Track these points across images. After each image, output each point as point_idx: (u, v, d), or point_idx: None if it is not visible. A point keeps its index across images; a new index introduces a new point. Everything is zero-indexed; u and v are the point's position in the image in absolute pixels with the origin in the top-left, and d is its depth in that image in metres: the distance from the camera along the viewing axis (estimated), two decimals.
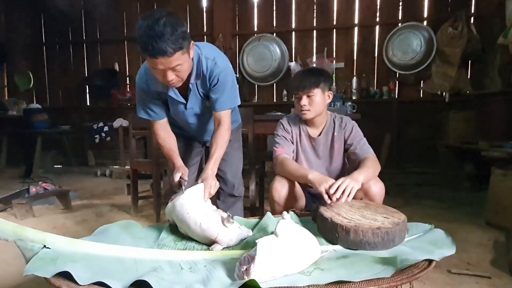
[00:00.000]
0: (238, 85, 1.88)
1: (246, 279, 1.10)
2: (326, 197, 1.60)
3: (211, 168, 1.68)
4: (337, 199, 1.58)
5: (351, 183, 1.61)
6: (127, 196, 3.83)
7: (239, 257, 1.33)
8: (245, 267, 1.12)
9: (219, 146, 1.74)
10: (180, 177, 1.67)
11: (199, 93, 1.81)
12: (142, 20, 1.43)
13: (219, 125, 1.79)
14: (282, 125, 2.05)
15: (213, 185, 1.60)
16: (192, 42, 1.56)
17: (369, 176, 1.75)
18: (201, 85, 1.78)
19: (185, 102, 1.81)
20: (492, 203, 2.78)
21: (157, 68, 1.50)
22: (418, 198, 3.76)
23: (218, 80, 1.72)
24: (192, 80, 1.71)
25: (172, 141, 1.90)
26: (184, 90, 1.77)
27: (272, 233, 1.25)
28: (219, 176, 2.14)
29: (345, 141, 1.98)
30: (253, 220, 1.73)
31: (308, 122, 2.01)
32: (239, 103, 1.90)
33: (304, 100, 1.89)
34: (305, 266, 1.21)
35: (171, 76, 1.53)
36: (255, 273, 1.10)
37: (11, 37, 6.39)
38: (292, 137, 2.02)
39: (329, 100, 1.97)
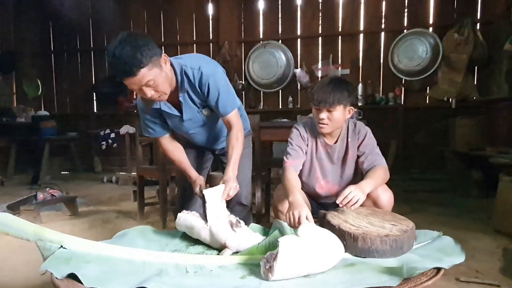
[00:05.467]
0: (232, 86, 1.88)
1: (271, 276, 1.15)
2: (287, 223, 1.56)
3: (232, 170, 1.72)
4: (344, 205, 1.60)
5: (358, 194, 1.60)
6: (134, 203, 3.84)
7: (247, 263, 1.34)
8: (269, 264, 1.17)
9: (234, 147, 1.77)
10: (200, 190, 1.71)
11: (195, 104, 1.82)
12: (108, 46, 1.50)
13: (230, 128, 1.82)
14: (299, 132, 1.95)
15: (233, 188, 1.65)
16: (164, 54, 1.60)
17: (376, 186, 1.74)
18: (195, 95, 1.79)
19: (179, 115, 1.83)
20: (500, 210, 2.76)
21: (132, 88, 1.56)
22: (425, 205, 3.73)
23: (208, 86, 1.73)
24: (180, 93, 1.74)
25: (180, 153, 1.94)
26: (177, 103, 1.80)
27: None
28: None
29: (358, 148, 1.93)
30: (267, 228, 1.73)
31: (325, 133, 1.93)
32: (239, 103, 1.91)
33: (324, 114, 1.79)
34: (328, 266, 1.23)
35: (148, 92, 1.57)
36: (278, 270, 1.15)
37: (20, 45, 6.48)
38: (307, 145, 1.95)
39: (349, 116, 1.87)
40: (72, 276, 1.12)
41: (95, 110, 6.56)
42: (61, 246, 1.25)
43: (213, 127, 1.99)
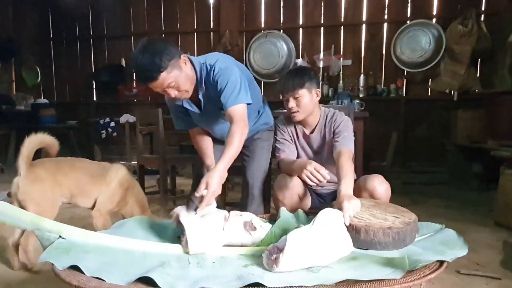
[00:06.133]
0: (246, 85, 1.79)
1: (275, 267, 1.16)
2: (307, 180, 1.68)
3: (219, 166, 1.56)
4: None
5: (354, 203, 1.48)
6: None
7: (248, 253, 1.33)
8: (274, 255, 1.17)
9: (228, 144, 1.65)
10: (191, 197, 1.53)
11: (215, 103, 1.80)
12: (132, 56, 1.62)
13: (230, 123, 1.73)
14: (278, 126, 2.07)
15: (211, 192, 1.47)
16: (184, 55, 1.69)
17: (352, 182, 1.66)
18: (214, 93, 1.78)
19: (199, 111, 1.89)
20: (501, 203, 2.76)
21: (157, 90, 1.66)
22: (425, 197, 3.74)
23: (217, 82, 1.75)
24: (199, 91, 1.79)
25: (204, 143, 2.00)
26: (197, 101, 1.86)
27: (295, 228, 1.28)
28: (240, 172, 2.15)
29: (333, 134, 1.93)
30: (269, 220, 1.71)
31: (301, 121, 1.99)
32: (248, 101, 1.77)
33: (292, 102, 1.88)
34: (332, 261, 1.24)
35: (172, 92, 1.68)
36: (284, 263, 1.16)
37: (19, 33, 6.42)
38: (289, 135, 2.03)
39: (318, 98, 1.94)
40: (73, 267, 1.11)
41: (94, 99, 6.52)
42: (60, 236, 1.24)
43: None
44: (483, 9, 4.80)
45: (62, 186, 2.07)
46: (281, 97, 1.95)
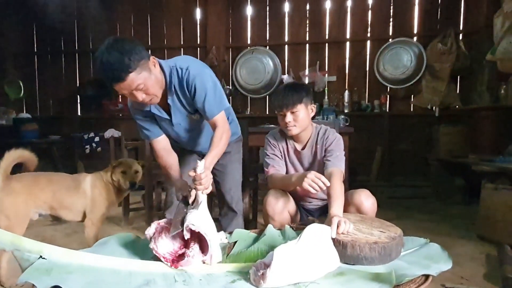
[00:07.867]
0: (221, 87, 1.82)
1: (263, 283, 1.15)
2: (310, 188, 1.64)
3: (209, 161, 1.62)
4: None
5: (349, 226, 1.48)
6: (118, 208, 3.76)
7: (235, 270, 1.32)
8: (261, 271, 1.17)
9: (215, 144, 1.69)
10: (182, 196, 1.64)
11: (184, 108, 1.80)
12: (96, 53, 1.50)
13: (215, 129, 1.75)
14: (269, 141, 2.05)
15: (206, 178, 1.51)
16: (152, 57, 1.60)
17: (343, 205, 1.67)
18: (184, 98, 1.76)
19: (168, 118, 1.82)
20: (483, 217, 2.81)
21: (123, 92, 1.56)
22: (409, 211, 3.78)
23: (195, 87, 1.70)
24: (169, 95, 1.73)
25: (170, 159, 1.88)
26: (166, 106, 1.78)
27: (280, 244, 1.26)
28: (216, 189, 2.13)
29: (325, 152, 1.95)
30: (253, 234, 1.70)
31: (293, 137, 2.00)
32: (228, 105, 1.85)
33: (289, 117, 1.87)
34: (318, 276, 1.23)
35: (140, 96, 1.57)
36: (271, 279, 1.15)
37: (2, 46, 6.32)
38: (280, 150, 2.02)
39: (313, 114, 1.97)
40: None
41: (79, 113, 6.44)
42: (41, 257, 1.20)
43: (205, 134, 1.96)
44: (461, 28, 4.98)
45: (38, 199, 2.08)
46: (276, 112, 1.93)
